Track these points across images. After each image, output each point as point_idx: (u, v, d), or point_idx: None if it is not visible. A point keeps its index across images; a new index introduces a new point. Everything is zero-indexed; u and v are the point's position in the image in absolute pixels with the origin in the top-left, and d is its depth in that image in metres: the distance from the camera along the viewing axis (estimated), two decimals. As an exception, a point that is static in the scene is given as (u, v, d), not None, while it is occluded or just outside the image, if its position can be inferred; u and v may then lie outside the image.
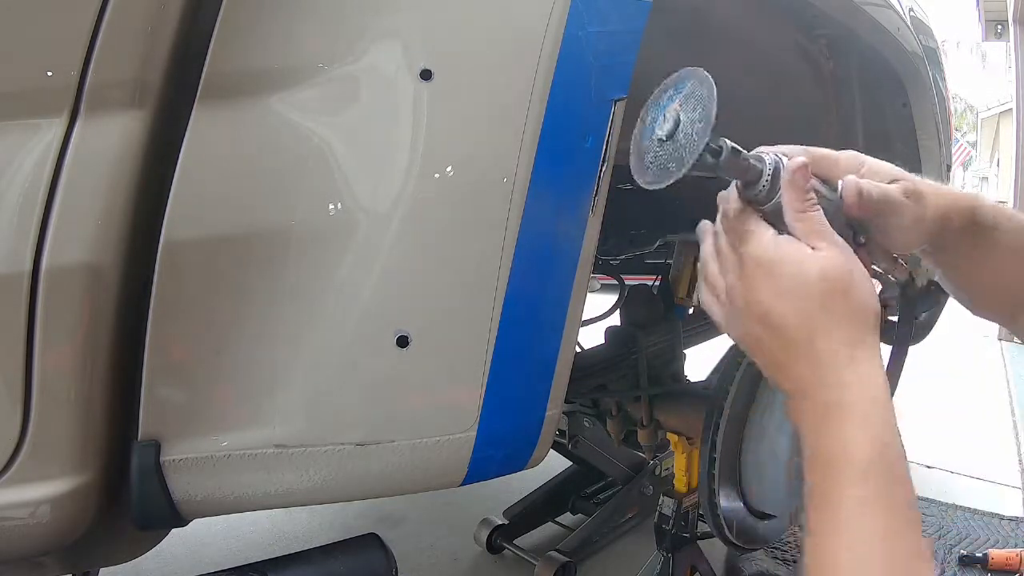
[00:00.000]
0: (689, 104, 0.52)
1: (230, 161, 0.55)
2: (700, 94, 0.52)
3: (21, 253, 0.48)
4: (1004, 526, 1.97)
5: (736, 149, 0.52)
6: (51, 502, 0.51)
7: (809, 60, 1.22)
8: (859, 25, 1.10)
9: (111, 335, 0.53)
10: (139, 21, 0.51)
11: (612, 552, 1.78)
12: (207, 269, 0.55)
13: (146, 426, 0.55)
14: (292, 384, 0.57)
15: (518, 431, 0.65)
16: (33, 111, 0.49)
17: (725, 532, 1.13)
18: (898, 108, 1.34)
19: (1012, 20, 5.31)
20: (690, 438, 1.29)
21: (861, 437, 0.47)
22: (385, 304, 0.58)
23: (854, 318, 0.50)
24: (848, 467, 0.46)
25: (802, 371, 0.50)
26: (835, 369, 0.49)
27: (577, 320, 0.67)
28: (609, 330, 1.44)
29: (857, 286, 0.50)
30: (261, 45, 0.55)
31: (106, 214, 0.51)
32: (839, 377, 0.48)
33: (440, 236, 0.58)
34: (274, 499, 0.58)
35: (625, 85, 0.63)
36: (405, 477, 0.61)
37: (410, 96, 0.57)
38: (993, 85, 18.66)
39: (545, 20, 0.58)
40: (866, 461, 0.46)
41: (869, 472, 0.46)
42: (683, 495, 1.30)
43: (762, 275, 0.52)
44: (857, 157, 0.58)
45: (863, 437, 0.47)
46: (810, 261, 0.50)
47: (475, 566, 1.73)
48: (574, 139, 0.61)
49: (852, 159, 0.58)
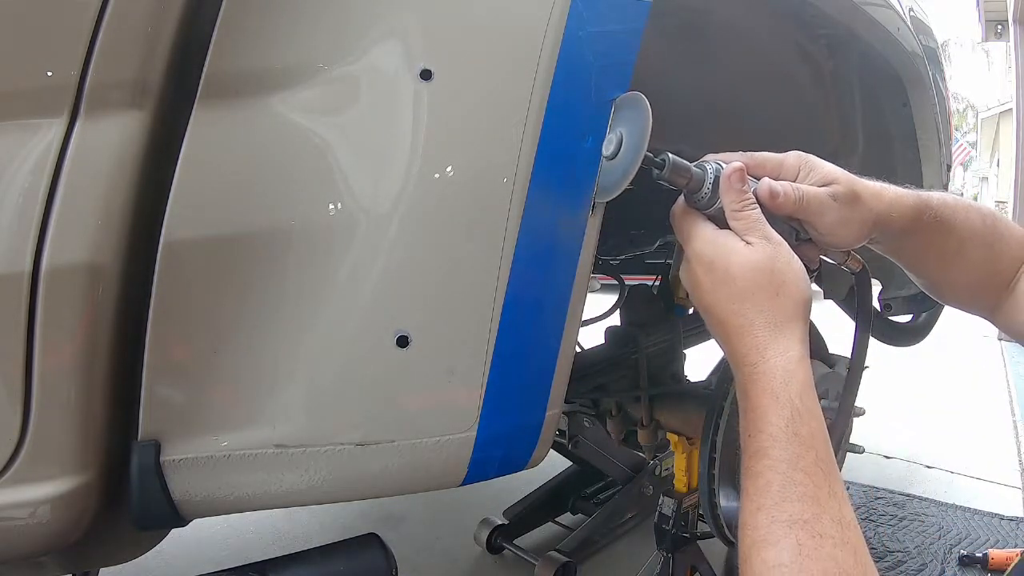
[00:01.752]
0: (630, 124, 0.59)
1: (230, 161, 0.55)
2: (638, 115, 0.58)
3: (21, 253, 0.48)
4: (1004, 526, 1.97)
5: (678, 160, 0.59)
6: (51, 502, 0.51)
7: (809, 60, 1.22)
8: (859, 25, 1.10)
9: (111, 335, 0.53)
10: (139, 21, 0.51)
11: (612, 552, 1.78)
12: (207, 269, 0.55)
13: (146, 426, 0.55)
14: (292, 384, 0.57)
15: (518, 431, 0.65)
16: (33, 111, 0.49)
17: (725, 532, 1.13)
18: (898, 108, 1.34)
19: (1012, 20, 5.31)
20: (690, 438, 1.29)
21: (772, 405, 0.52)
22: (385, 304, 0.58)
23: (777, 304, 0.55)
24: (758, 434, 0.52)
25: (735, 348, 0.57)
26: (756, 347, 0.55)
27: (577, 320, 0.67)
28: (609, 330, 1.44)
29: (781, 276, 0.56)
30: (261, 45, 0.56)
31: (106, 214, 0.51)
32: (761, 353, 0.55)
33: (440, 236, 0.58)
34: (274, 499, 0.58)
35: (625, 85, 0.63)
36: (405, 477, 0.61)
37: (410, 96, 0.57)
38: (993, 85, 18.65)
39: (545, 20, 0.58)
40: (774, 426, 0.52)
41: (778, 439, 0.51)
42: (683, 495, 1.30)
43: (702, 270, 0.59)
44: (801, 158, 0.63)
45: (774, 405, 0.52)
46: (738, 255, 0.57)
47: (475, 566, 1.73)
48: (574, 139, 0.61)
49: (796, 160, 0.63)
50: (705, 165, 0.61)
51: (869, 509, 2.05)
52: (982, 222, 0.65)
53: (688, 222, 0.61)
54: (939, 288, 0.70)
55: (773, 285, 0.55)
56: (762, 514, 0.49)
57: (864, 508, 2.06)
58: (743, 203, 0.58)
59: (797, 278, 0.56)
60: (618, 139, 0.59)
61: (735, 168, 0.58)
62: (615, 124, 0.61)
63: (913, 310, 1.64)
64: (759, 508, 0.49)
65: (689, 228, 0.61)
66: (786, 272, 0.56)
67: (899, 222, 0.61)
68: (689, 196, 0.61)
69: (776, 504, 0.49)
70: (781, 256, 0.56)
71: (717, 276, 0.57)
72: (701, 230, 0.60)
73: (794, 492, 0.49)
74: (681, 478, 1.31)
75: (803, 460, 0.50)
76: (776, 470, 0.50)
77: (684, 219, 0.62)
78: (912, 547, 1.82)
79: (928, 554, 1.79)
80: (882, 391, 2.96)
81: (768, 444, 0.51)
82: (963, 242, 0.64)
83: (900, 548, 1.81)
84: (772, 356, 0.54)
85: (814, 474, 0.49)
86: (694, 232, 0.60)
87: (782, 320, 0.55)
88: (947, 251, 0.64)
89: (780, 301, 0.55)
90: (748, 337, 0.55)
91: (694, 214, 0.61)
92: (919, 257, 0.66)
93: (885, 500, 2.14)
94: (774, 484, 0.49)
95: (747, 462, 0.53)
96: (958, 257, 0.65)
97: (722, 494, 1.10)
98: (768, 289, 0.55)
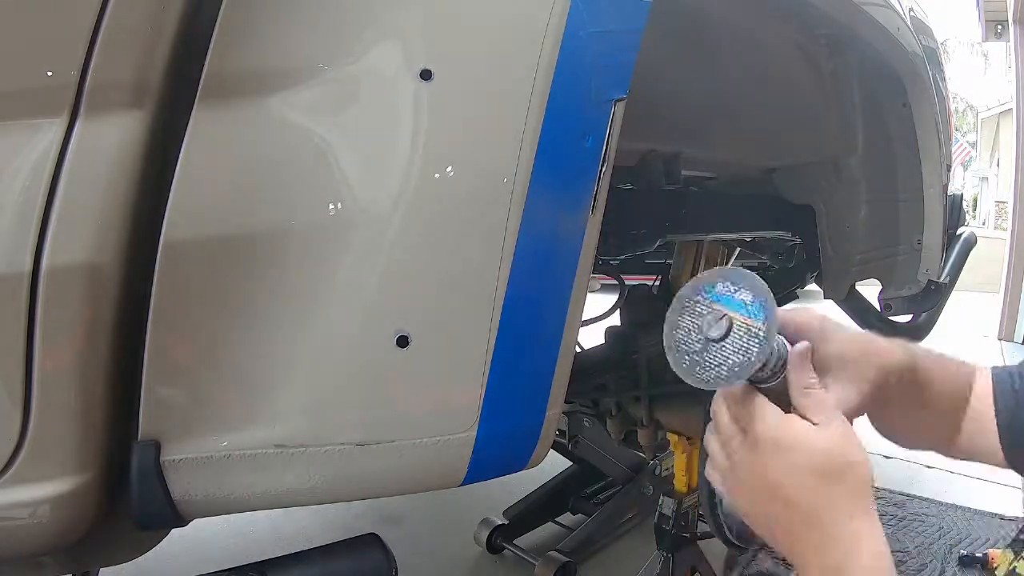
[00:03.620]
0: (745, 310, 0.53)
1: (230, 161, 0.55)
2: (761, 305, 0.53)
3: (21, 253, 0.48)
4: (1004, 526, 1.97)
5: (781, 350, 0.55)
6: (51, 502, 0.51)
7: (809, 60, 1.22)
8: (859, 25, 1.10)
9: (111, 335, 0.53)
10: (139, 21, 0.51)
11: (612, 552, 1.78)
12: (207, 269, 0.55)
13: (146, 426, 0.55)
14: (292, 384, 0.57)
15: (518, 431, 0.65)
16: (33, 111, 0.49)
17: (725, 532, 1.13)
18: (898, 108, 1.34)
19: (1012, 20, 5.31)
20: (690, 438, 1.29)
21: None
22: (385, 304, 0.58)
23: (854, 489, 0.53)
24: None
25: (809, 541, 0.53)
26: (837, 539, 0.52)
27: (577, 320, 0.67)
28: (609, 330, 1.44)
29: (855, 458, 0.53)
30: (261, 45, 0.55)
31: (106, 214, 0.51)
32: (841, 546, 0.52)
33: (440, 236, 0.58)
34: (274, 499, 0.58)
35: (625, 85, 0.63)
36: (405, 477, 0.61)
37: (410, 96, 0.57)
38: (994, 85, 18.67)
39: (545, 20, 0.58)
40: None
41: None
42: (683, 495, 1.30)
43: (771, 452, 0.55)
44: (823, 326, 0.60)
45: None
46: (815, 438, 0.53)
47: (475, 566, 1.73)
48: (574, 139, 0.61)
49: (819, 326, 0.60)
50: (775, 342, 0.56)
51: (869, 509, 2.05)
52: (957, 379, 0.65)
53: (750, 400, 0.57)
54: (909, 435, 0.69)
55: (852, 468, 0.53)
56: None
57: (864, 508, 2.05)
58: (813, 380, 0.55)
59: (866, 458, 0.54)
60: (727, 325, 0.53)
61: (806, 347, 0.56)
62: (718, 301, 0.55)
63: (913, 310, 1.64)
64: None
65: (753, 406, 0.56)
66: (859, 453, 0.53)
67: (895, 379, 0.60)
68: None
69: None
70: (854, 437, 0.54)
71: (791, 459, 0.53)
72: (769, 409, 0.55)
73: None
74: (681, 478, 1.31)
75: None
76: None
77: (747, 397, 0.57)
78: (912, 547, 1.82)
79: (928, 554, 1.79)
80: (882, 391, 2.96)
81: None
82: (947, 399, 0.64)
83: (900, 548, 1.81)
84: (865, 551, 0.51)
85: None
86: (757, 412, 0.55)
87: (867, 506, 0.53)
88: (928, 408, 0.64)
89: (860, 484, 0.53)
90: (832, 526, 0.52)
91: (754, 391, 0.57)
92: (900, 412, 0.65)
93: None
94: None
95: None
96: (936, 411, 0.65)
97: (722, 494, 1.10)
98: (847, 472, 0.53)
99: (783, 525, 0.55)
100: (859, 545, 0.52)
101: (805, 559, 0.54)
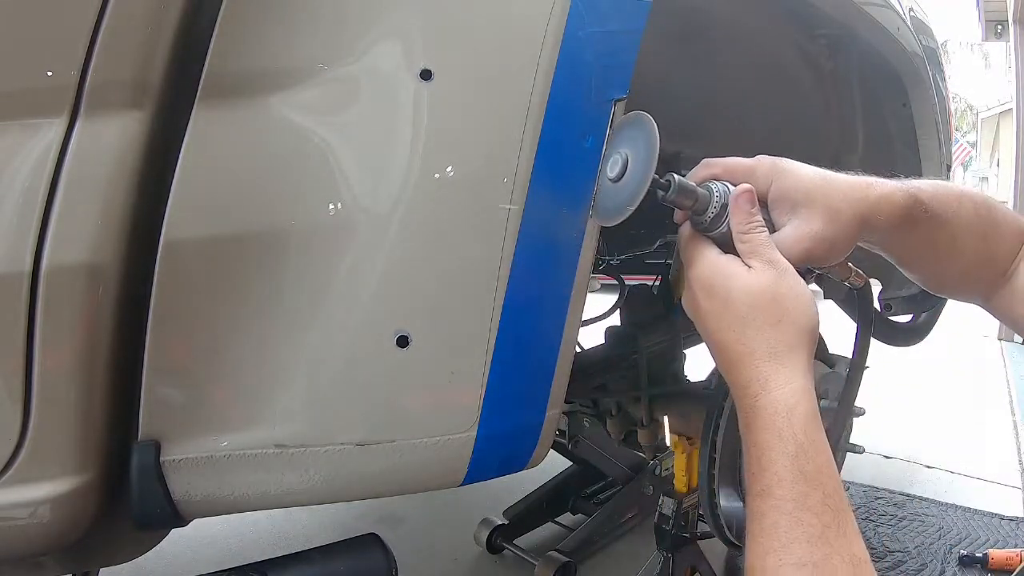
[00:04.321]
0: (635, 145, 0.57)
1: (230, 161, 0.55)
2: (644, 136, 0.56)
3: (21, 253, 0.48)
4: (1004, 526, 1.97)
5: (683, 182, 0.57)
6: (51, 502, 0.51)
7: (809, 60, 1.22)
8: (859, 25, 1.10)
9: (111, 335, 0.53)
10: (139, 21, 0.51)
11: (612, 552, 1.78)
12: (207, 269, 0.55)
13: (146, 426, 0.55)
14: (292, 384, 0.57)
15: (518, 431, 0.65)
16: (33, 111, 0.49)
17: (725, 532, 1.13)
18: (898, 108, 1.34)
19: (1012, 20, 5.31)
20: (690, 438, 1.29)
21: (775, 441, 0.50)
22: (385, 304, 0.58)
23: (779, 332, 0.53)
24: (762, 473, 0.50)
25: (735, 378, 0.55)
26: (758, 378, 0.53)
27: (577, 320, 0.67)
28: (609, 330, 1.44)
29: (784, 302, 0.54)
30: (261, 45, 0.55)
31: (106, 214, 0.51)
32: (762, 385, 0.52)
33: (440, 236, 0.58)
34: (274, 499, 0.58)
35: (625, 85, 0.63)
36: (405, 477, 0.61)
37: (410, 96, 0.57)
38: (993, 85, 18.66)
39: (545, 20, 0.58)
40: (779, 464, 0.50)
41: (783, 477, 0.49)
42: (683, 495, 1.30)
43: (703, 295, 0.57)
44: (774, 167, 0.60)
45: (777, 441, 0.50)
46: (740, 279, 0.55)
47: (475, 566, 1.73)
48: (574, 139, 0.61)
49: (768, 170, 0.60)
50: (711, 186, 0.59)
51: (869, 509, 2.05)
52: (975, 212, 0.62)
53: (692, 245, 0.59)
54: (931, 281, 0.68)
55: (776, 312, 0.53)
56: (770, 557, 0.47)
57: (864, 508, 2.06)
58: (750, 225, 0.56)
59: (802, 304, 0.54)
60: (623, 160, 0.57)
61: (744, 190, 0.56)
62: (618, 144, 0.59)
63: (913, 310, 1.64)
64: (767, 552, 0.47)
65: (692, 251, 0.59)
66: (790, 298, 0.54)
67: (887, 222, 0.58)
68: (694, 218, 0.60)
69: (784, 547, 0.47)
70: (785, 281, 0.54)
71: (717, 302, 0.55)
72: (704, 254, 0.58)
73: (802, 533, 0.47)
74: (681, 478, 1.31)
75: (810, 499, 0.48)
76: (782, 510, 0.48)
77: (689, 243, 0.60)
78: (912, 547, 1.82)
79: (928, 554, 1.79)
80: (882, 391, 2.96)
81: (773, 483, 0.49)
82: (955, 235, 0.61)
83: (900, 548, 1.81)
84: (774, 388, 0.52)
85: (822, 513, 0.47)
86: (697, 256, 0.58)
87: (784, 349, 0.53)
88: (939, 245, 0.62)
89: (783, 328, 0.53)
90: (749, 367, 0.53)
91: (698, 237, 0.59)
92: (909, 252, 0.63)
93: (885, 500, 2.14)
94: (781, 525, 0.47)
95: (752, 501, 0.51)
96: (950, 250, 0.62)
97: (722, 494, 1.10)
98: (770, 316, 0.53)
99: (720, 364, 0.57)
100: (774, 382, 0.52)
101: (735, 396, 0.55)
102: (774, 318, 0.53)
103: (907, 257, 0.64)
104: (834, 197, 0.57)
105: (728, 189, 0.58)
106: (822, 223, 0.56)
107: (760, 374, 0.53)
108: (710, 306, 0.56)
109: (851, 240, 0.58)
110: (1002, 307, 0.66)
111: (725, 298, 0.55)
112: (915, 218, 0.59)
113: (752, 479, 0.51)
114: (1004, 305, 0.66)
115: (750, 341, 0.53)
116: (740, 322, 0.54)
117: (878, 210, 0.57)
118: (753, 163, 0.60)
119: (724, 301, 0.55)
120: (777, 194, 0.58)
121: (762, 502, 0.49)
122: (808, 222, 0.56)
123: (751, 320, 0.54)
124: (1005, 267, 0.65)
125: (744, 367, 0.54)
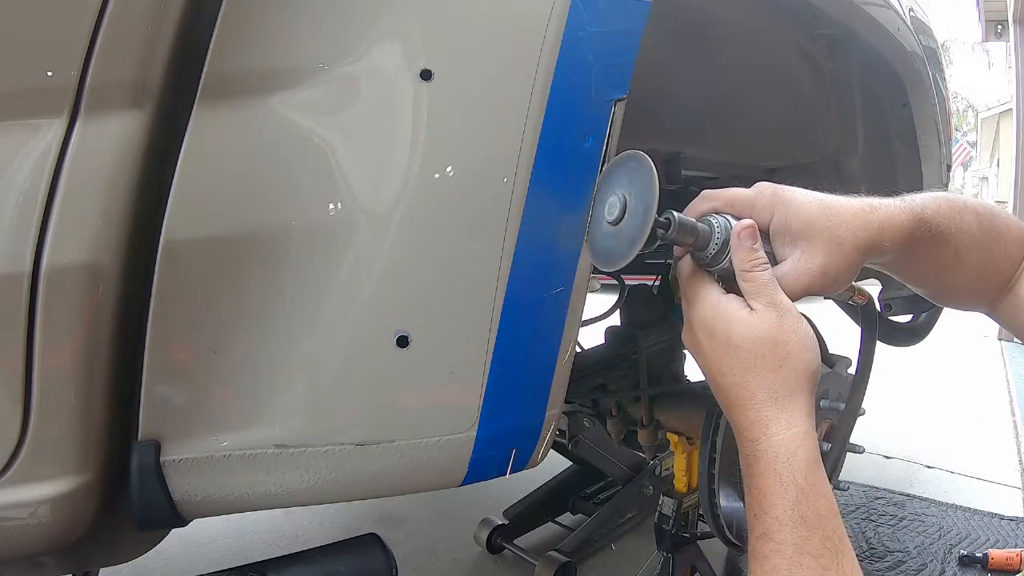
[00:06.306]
0: (634, 187, 0.55)
1: (230, 161, 0.55)
2: (642, 175, 0.55)
3: (21, 253, 0.48)
4: (1004, 526, 1.97)
5: (684, 219, 0.56)
6: (51, 502, 0.51)
7: (809, 60, 1.22)
8: (859, 25, 1.10)
9: (111, 335, 0.53)
10: (139, 21, 0.51)
11: (612, 552, 1.78)
12: (207, 269, 0.55)
13: (146, 426, 0.55)
14: (292, 384, 0.57)
15: (518, 431, 0.65)
16: (33, 111, 0.49)
17: (725, 532, 1.13)
18: (898, 108, 1.34)
19: (1012, 20, 5.31)
20: (690, 438, 1.29)
21: (776, 486, 0.51)
22: (385, 304, 0.58)
23: (781, 376, 0.53)
24: (764, 516, 0.51)
25: (737, 420, 0.55)
26: (759, 423, 0.53)
27: (577, 320, 0.67)
28: (609, 330, 1.44)
29: (785, 347, 0.53)
30: (261, 45, 0.55)
31: (106, 214, 0.51)
32: (763, 429, 0.53)
33: (440, 236, 0.58)
34: (274, 499, 0.58)
35: (625, 85, 0.63)
36: (405, 477, 0.61)
37: (410, 96, 0.57)
38: (994, 85, 18.66)
39: (545, 20, 0.58)
40: (779, 508, 0.50)
41: (783, 522, 0.50)
42: (683, 495, 1.30)
43: (704, 337, 0.56)
44: (775, 197, 0.58)
45: (778, 486, 0.51)
46: (741, 324, 0.54)
47: (475, 566, 1.73)
48: (574, 139, 0.61)
49: (769, 201, 0.58)
50: (711, 221, 0.57)
51: (869, 509, 2.05)
52: (978, 224, 0.61)
53: (693, 284, 0.58)
54: (936, 293, 0.67)
55: (777, 356, 0.53)
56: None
57: (864, 508, 2.06)
58: (752, 263, 0.55)
59: (803, 348, 0.54)
60: (621, 203, 0.55)
61: (745, 225, 0.55)
62: (614, 184, 0.57)
63: (913, 310, 1.64)
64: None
65: (693, 290, 0.58)
66: (792, 342, 0.53)
67: (891, 246, 0.57)
68: (695, 253, 0.58)
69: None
70: (788, 325, 0.53)
71: (719, 345, 0.55)
72: (705, 294, 0.57)
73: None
74: (681, 478, 1.31)
75: (810, 543, 0.48)
76: (782, 555, 0.48)
77: (690, 280, 0.58)
78: (912, 547, 1.82)
79: (928, 554, 1.79)
80: (882, 391, 2.96)
81: (774, 528, 0.49)
82: (959, 250, 0.61)
83: (900, 548, 1.81)
84: (775, 432, 0.52)
85: (821, 555, 0.48)
86: (698, 296, 0.57)
87: (786, 393, 0.53)
88: (943, 260, 0.61)
89: (784, 373, 0.53)
90: (750, 411, 0.53)
91: (699, 275, 0.58)
92: (913, 270, 0.63)
93: (885, 500, 2.14)
94: (781, 569, 0.48)
95: (754, 543, 0.51)
96: (955, 265, 0.62)
97: (722, 494, 1.10)
98: (771, 360, 0.53)
99: (721, 404, 0.57)
100: (774, 427, 0.52)
101: (737, 437, 0.55)
102: (775, 363, 0.53)
103: (911, 274, 0.64)
104: (836, 227, 0.56)
105: (729, 223, 0.57)
106: (824, 256, 0.55)
107: (761, 418, 0.53)
108: (711, 349, 0.56)
109: (854, 269, 0.57)
110: (1008, 316, 0.66)
111: (726, 342, 0.54)
112: (919, 238, 0.58)
113: (754, 521, 0.52)
114: (1010, 314, 0.65)
115: (751, 385, 0.53)
116: (741, 367, 0.54)
117: (882, 236, 0.57)
118: (753, 195, 0.59)
119: (725, 345, 0.54)
120: (779, 226, 0.57)
121: (763, 545, 0.50)
122: (810, 256, 0.55)
123: (752, 365, 0.53)
124: (1009, 277, 0.64)
125: (745, 410, 0.54)
